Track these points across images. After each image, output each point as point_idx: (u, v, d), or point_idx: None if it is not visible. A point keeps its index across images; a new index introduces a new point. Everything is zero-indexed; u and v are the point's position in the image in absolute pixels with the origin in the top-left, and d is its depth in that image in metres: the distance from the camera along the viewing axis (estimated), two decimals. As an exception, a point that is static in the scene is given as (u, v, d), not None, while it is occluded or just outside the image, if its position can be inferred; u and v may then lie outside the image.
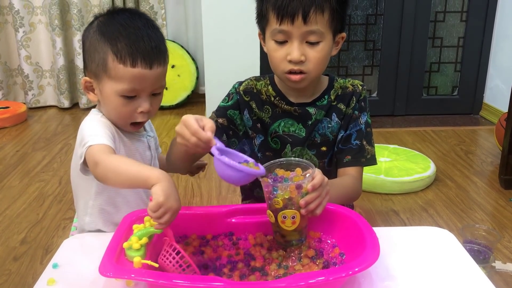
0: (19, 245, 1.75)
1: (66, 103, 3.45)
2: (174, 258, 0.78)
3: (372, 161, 1.14)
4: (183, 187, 2.21)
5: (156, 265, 0.77)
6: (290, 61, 1.01)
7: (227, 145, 1.07)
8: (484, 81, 3.19)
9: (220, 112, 1.14)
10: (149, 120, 1.17)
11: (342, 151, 1.13)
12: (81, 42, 1.55)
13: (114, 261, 0.75)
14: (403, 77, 3.18)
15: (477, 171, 2.40)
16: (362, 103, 1.14)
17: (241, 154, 0.86)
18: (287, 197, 0.84)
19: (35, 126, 3.14)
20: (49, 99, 3.53)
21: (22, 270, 1.60)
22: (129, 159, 0.88)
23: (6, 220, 1.93)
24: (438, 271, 0.84)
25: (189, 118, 0.82)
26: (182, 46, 3.40)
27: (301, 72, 1.02)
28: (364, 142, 1.13)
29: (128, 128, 1.02)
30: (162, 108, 3.41)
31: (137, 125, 1.02)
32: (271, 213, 0.86)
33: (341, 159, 1.13)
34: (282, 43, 1.02)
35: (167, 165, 1.16)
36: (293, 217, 0.84)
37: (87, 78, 1.00)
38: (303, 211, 0.83)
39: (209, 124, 0.82)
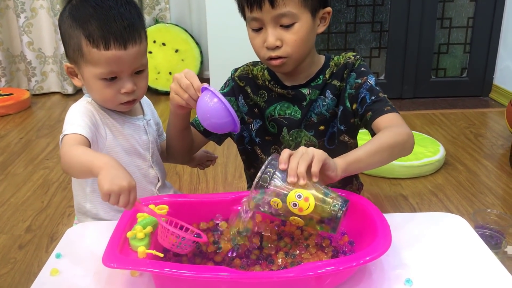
0: (24, 233, 1.74)
1: (69, 89, 3.43)
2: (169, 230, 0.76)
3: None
4: (189, 173, 2.19)
5: (161, 255, 0.75)
6: (267, 48, 0.99)
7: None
8: (494, 62, 3.13)
9: None
10: (150, 103, 1.15)
11: (362, 115, 1.04)
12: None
13: (117, 251, 0.73)
14: (411, 59, 3.12)
15: (487, 154, 2.36)
16: (362, 68, 1.07)
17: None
18: (273, 198, 0.77)
19: (39, 113, 3.12)
20: (52, 85, 3.51)
21: (27, 258, 1.59)
22: (86, 150, 0.85)
23: (11, 208, 1.92)
24: (451, 257, 0.82)
25: (181, 75, 0.92)
26: (185, 30, 3.35)
27: (279, 57, 1.00)
28: (381, 95, 1.04)
29: (119, 108, 1.01)
30: (167, 94, 3.38)
31: (128, 104, 1.00)
32: (294, 218, 0.78)
33: (366, 120, 1.04)
34: (258, 30, 1.00)
35: (168, 154, 1.14)
36: (299, 196, 0.76)
37: (68, 64, 1.00)
38: (301, 181, 0.75)
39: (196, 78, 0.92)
